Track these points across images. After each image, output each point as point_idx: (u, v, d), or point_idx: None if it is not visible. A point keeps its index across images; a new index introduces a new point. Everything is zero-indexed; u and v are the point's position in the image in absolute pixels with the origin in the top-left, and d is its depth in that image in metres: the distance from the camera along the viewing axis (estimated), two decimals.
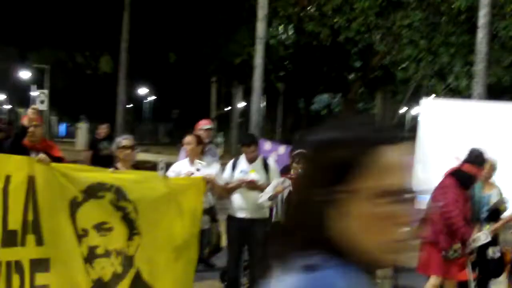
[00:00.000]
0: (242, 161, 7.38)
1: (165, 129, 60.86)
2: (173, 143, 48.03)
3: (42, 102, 8.32)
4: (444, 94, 27.94)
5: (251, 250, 7.36)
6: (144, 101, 57.14)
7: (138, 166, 7.01)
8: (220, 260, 7.53)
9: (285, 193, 6.75)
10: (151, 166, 7.25)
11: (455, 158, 6.94)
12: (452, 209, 6.50)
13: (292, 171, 6.82)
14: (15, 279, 5.61)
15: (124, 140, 6.80)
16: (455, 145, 9.47)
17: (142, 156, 24.32)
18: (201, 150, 7.39)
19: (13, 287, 5.58)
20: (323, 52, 26.32)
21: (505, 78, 21.92)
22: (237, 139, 47.34)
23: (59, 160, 6.38)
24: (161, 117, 59.34)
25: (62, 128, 64.03)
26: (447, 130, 10.25)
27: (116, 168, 6.61)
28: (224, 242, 7.45)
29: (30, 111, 6.41)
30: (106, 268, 6.16)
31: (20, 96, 45.90)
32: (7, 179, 5.57)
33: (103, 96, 33.70)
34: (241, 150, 7.47)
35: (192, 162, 7.18)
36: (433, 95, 26.67)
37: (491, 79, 17.89)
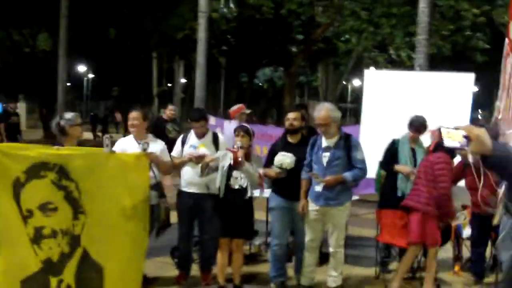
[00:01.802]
0: (192, 136, 7.31)
1: (105, 107, 59.98)
2: (114, 120, 47.51)
3: None
4: (385, 65, 28.34)
5: (201, 226, 7.32)
6: (84, 78, 56.19)
7: (81, 144, 6.87)
8: (170, 236, 7.47)
9: (225, 167, 6.74)
10: (93, 145, 7.12)
11: (430, 132, 7.16)
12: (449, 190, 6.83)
13: (234, 145, 6.82)
14: None
15: (76, 117, 6.68)
16: (398, 115, 9.63)
17: (84, 135, 24.03)
18: (146, 127, 7.26)
19: None
20: (266, 25, 26.23)
21: (445, 48, 22.28)
22: (180, 115, 47.22)
23: None
24: (101, 94, 58.42)
25: None
26: (389, 101, 10.37)
27: (62, 146, 6.46)
28: (173, 217, 7.39)
29: None
30: (54, 248, 6.03)
31: None
32: None
33: (42, 74, 32.90)
34: (190, 125, 7.38)
35: (138, 139, 7.05)
36: (374, 67, 27.02)
37: (432, 49, 18.17)
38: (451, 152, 6.86)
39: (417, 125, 7.72)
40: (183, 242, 7.39)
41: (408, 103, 9.80)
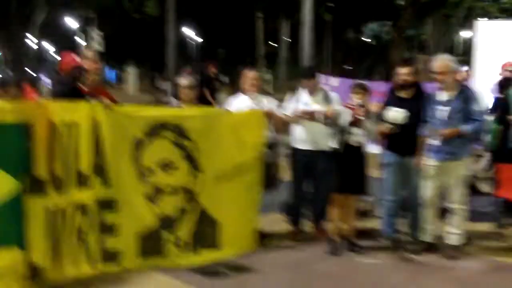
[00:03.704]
0: (304, 94, 7.34)
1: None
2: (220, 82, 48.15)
3: (99, 43, 8.25)
4: (497, 15, 27.21)
5: (314, 182, 7.39)
6: (190, 42, 57.17)
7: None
8: (283, 193, 7.61)
9: (345, 122, 6.77)
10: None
11: None
12: None
13: (351, 101, 6.79)
14: (82, 219, 5.85)
15: (182, 80, 6.94)
16: None
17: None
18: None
19: (80, 227, 5.84)
20: None
21: None
22: (286, 75, 47.22)
23: (115, 104, 6.49)
24: (208, 57, 59.38)
25: (111, 74, 65.05)
26: (503, 52, 10.06)
27: (179, 107, 6.75)
28: (285, 175, 7.53)
29: (88, 52, 6.39)
30: (172, 205, 6.36)
31: (67, 44, 46.50)
32: (76, 125, 5.74)
33: (151, 40, 33.80)
34: (301, 83, 7.42)
35: (250, 97, 7.16)
36: (486, 17, 26.00)
37: None
38: None
39: None
40: (296, 199, 7.48)
41: None
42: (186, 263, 6.31)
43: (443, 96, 6.67)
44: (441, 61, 6.64)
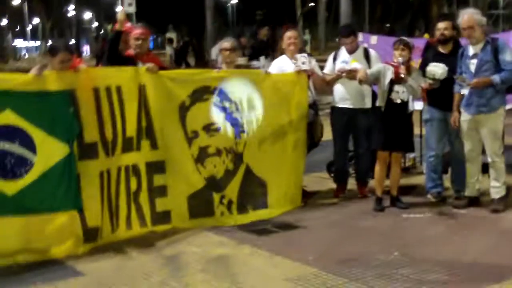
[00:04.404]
0: (343, 52, 7.39)
1: (249, 32, 60.69)
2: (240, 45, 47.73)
3: (130, 4, 8.37)
4: None
5: (356, 140, 7.47)
6: (228, 4, 56.99)
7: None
8: (326, 152, 7.71)
9: (387, 80, 6.79)
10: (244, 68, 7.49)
11: None
12: None
13: (394, 59, 6.79)
14: (133, 181, 6.11)
15: (225, 42, 7.04)
16: None
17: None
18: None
19: (132, 189, 6.09)
20: None
21: None
22: (325, 35, 46.84)
23: (163, 69, 6.63)
24: (245, 19, 59.11)
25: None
26: None
27: (221, 69, 6.86)
28: (326, 134, 7.61)
29: (119, 14, 6.57)
30: (218, 166, 6.54)
31: (106, 13, 46.78)
32: (121, 89, 5.93)
33: (189, 4, 33.72)
34: (340, 41, 7.47)
35: (292, 57, 7.20)
36: None
37: None
38: None
39: None
40: (338, 157, 7.58)
41: None
42: (234, 222, 6.51)
43: (471, 50, 6.69)
44: (467, 15, 6.65)
